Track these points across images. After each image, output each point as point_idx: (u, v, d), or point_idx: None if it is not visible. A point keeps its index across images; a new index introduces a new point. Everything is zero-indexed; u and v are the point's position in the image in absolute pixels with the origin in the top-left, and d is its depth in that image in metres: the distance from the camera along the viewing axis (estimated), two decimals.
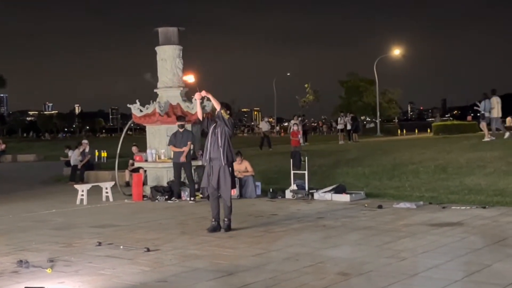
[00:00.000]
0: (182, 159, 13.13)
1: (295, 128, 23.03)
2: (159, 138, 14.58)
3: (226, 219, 9.04)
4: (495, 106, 20.32)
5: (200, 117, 9.50)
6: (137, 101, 14.79)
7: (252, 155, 19.29)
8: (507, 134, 20.69)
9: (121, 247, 7.90)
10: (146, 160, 14.58)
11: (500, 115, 20.61)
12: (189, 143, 13.25)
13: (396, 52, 53.08)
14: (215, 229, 8.95)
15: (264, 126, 31.80)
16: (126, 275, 6.37)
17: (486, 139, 20.22)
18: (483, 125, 21.08)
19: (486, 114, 20.42)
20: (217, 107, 9.20)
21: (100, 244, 8.13)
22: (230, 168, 9.14)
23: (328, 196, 12.52)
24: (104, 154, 25.44)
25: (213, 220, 9.04)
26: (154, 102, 14.57)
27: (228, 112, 9.18)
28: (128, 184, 16.24)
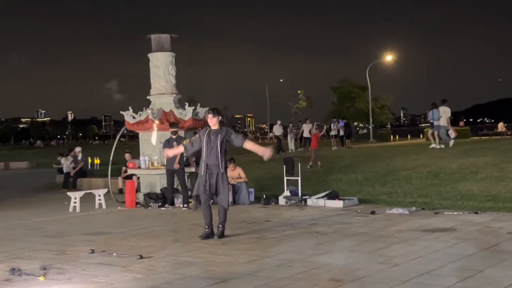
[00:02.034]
0: (176, 166, 13.11)
1: (314, 131, 22.98)
2: (152, 145, 14.56)
3: (220, 226, 9.04)
4: (443, 115, 21.38)
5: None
6: (130, 108, 14.79)
7: (244, 162, 19.28)
8: (451, 142, 21.48)
9: (114, 254, 7.88)
10: (139, 167, 14.56)
11: (446, 124, 21.61)
12: (175, 144, 13.15)
13: (388, 58, 53.22)
14: (208, 236, 8.94)
15: (277, 130, 30.67)
16: (119, 283, 6.36)
17: (433, 145, 21.29)
18: (430, 133, 22.15)
19: (435, 123, 21.50)
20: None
21: (93, 251, 8.11)
22: (226, 175, 9.19)
23: (321, 202, 12.53)
24: (97, 161, 25.42)
25: (206, 227, 9.02)
26: (147, 109, 14.56)
27: (220, 118, 9.19)
28: (121, 191, 16.22)
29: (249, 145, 9.08)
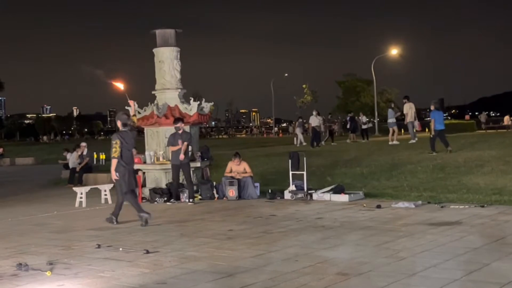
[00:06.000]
0: (181, 156, 13.02)
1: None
2: (157, 140, 14.59)
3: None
4: (409, 111, 22.61)
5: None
6: (135, 103, 14.75)
7: (250, 156, 19.29)
8: (414, 140, 22.75)
9: (120, 249, 7.91)
10: (145, 162, 14.58)
11: (412, 119, 22.86)
12: (179, 141, 13.15)
13: (394, 52, 53.10)
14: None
15: (314, 121, 28.22)
16: (125, 277, 6.38)
17: (392, 142, 23.10)
18: (390, 130, 24.27)
19: (389, 121, 23.88)
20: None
21: (99, 246, 8.14)
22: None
23: (327, 196, 12.52)
24: (102, 156, 25.42)
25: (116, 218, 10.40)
26: (152, 104, 14.57)
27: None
28: None
29: None
